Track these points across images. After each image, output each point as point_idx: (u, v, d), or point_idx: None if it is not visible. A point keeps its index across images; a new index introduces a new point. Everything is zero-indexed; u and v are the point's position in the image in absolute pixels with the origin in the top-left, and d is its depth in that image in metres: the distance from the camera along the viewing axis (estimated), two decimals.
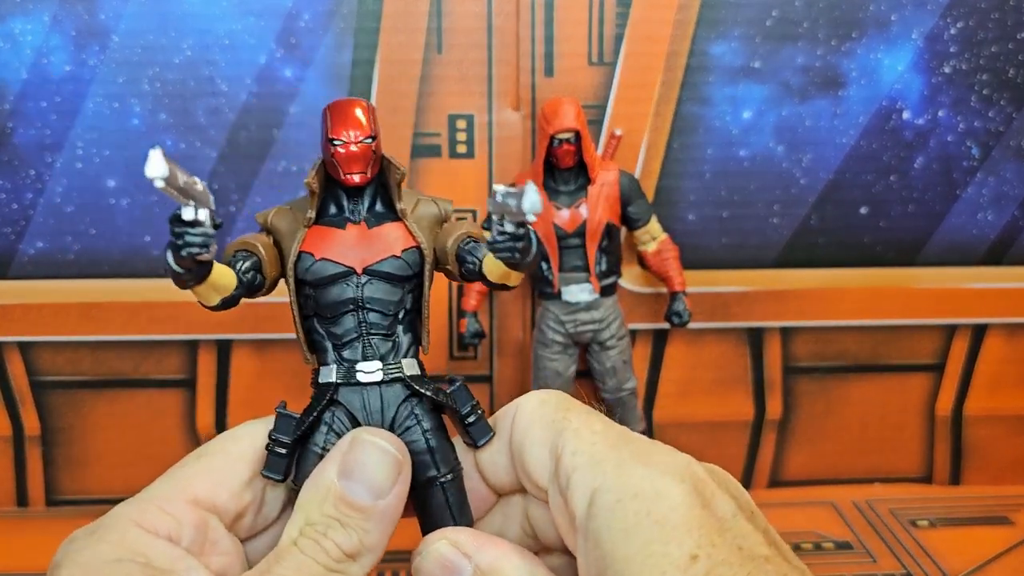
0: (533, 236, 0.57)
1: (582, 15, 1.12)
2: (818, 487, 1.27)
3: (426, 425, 0.63)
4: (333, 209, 0.66)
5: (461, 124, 1.14)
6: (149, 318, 1.17)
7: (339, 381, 0.64)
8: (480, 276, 0.63)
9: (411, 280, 0.65)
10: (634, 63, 1.14)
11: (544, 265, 1.10)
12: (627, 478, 0.50)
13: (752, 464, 1.27)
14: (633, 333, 1.20)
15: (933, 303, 1.23)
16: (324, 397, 0.64)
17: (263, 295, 0.66)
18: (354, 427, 0.63)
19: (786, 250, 1.20)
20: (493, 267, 0.61)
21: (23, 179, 1.13)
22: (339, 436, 0.62)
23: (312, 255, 0.64)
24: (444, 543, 0.57)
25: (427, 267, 0.64)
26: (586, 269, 1.08)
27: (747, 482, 1.27)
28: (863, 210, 1.19)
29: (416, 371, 0.64)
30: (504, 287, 0.64)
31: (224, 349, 1.19)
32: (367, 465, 0.57)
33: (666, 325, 1.15)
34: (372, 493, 0.56)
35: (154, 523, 0.54)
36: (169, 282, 0.63)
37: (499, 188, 0.56)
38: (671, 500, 0.48)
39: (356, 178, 0.64)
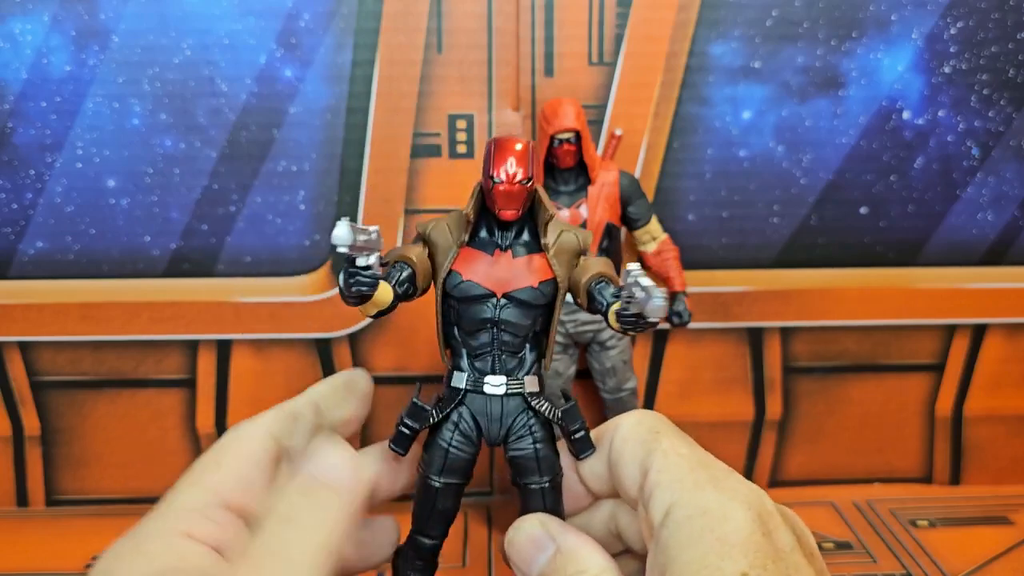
0: (656, 319, 0.64)
1: (582, 15, 1.13)
2: (818, 487, 1.28)
3: (537, 436, 0.73)
4: (484, 233, 0.74)
5: (461, 124, 1.14)
6: (149, 318, 1.18)
7: (469, 388, 0.73)
8: (604, 316, 0.71)
9: (544, 307, 0.73)
10: (634, 63, 1.14)
11: None
12: (700, 497, 0.57)
13: (752, 464, 1.27)
14: None
15: (933, 303, 1.23)
16: (454, 399, 0.73)
17: (415, 299, 0.75)
18: (477, 429, 0.74)
19: (786, 250, 1.20)
20: (614, 323, 0.69)
21: (23, 179, 1.13)
22: (464, 436, 0.73)
23: (460, 274, 0.72)
24: (536, 523, 0.67)
25: (559, 297, 0.73)
26: None
27: None
28: (863, 210, 1.20)
29: (536, 388, 0.74)
30: None
31: (224, 349, 1.19)
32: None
33: (666, 325, 1.15)
34: None
35: (202, 532, 0.54)
36: (170, 282, 0.71)
37: (633, 268, 0.66)
38: (735, 522, 0.55)
39: (509, 214, 0.71)
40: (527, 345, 0.74)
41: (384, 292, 0.69)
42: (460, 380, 0.74)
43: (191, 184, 1.14)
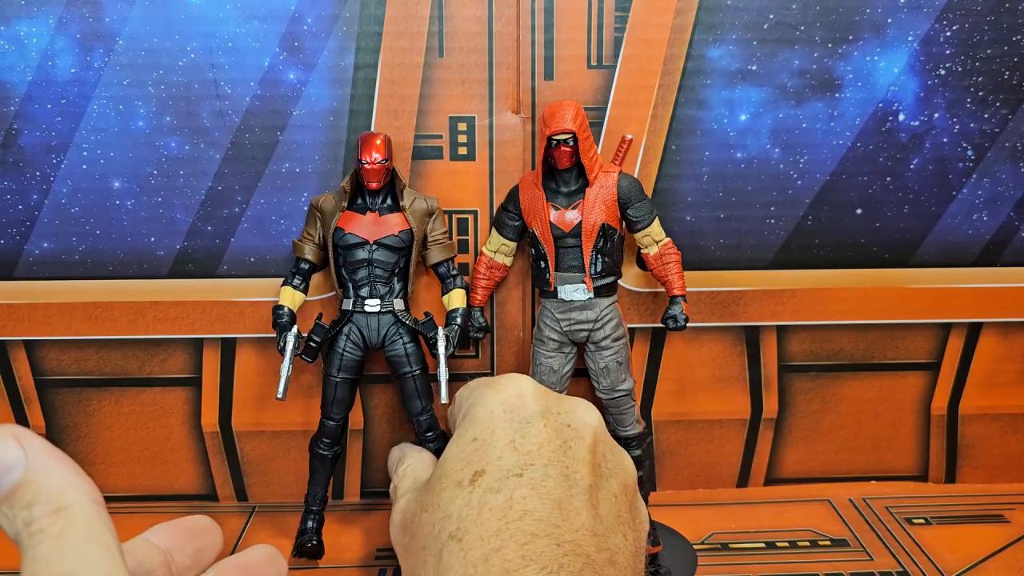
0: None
1: (581, 19, 1.13)
2: (814, 485, 1.28)
3: (405, 339, 1.08)
4: (360, 201, 1.08)
5: (462, 127, 1.15)
6: (154, 317, 1.19)
7: (354, 309, 1.08)
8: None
9: (404, 250, 1.08)
10: (633, 66, 1.15)
11: (542, 264, 1.11)
12: (476, 394, 0.88)
13: (749, 462, 1.28)
14: (632, 332, 1.21)
15: (928, 303, 1.24)
16: (344, 318, 1.08)
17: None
18: (362, 338, 1.08)
19: (782, 251, 1.21)
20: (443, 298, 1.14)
21: (28, 180, 1.14)
22: (353, 344, 1.08)
23: (343, 229, 1.06)
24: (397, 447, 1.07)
25: (415, 243, 1.08)
26: (581, 269, 1.09)
27: (744, 479, 1.28)
28: (859, 211, 1.21)
29: (402, 307, 1.09)
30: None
31: (229, 348, 1.20)
32: None
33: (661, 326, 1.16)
34: None
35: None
36: (174, 282, 1.13)
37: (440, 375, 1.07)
38: (486, 405, 0.85)
39: (374, 185, 1.06)
40: (395, 279, 1.08)
41: (296, 301, 1.11)
42: (348, 304, 1.08)
43: (195, 185, 1.15)
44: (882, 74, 1.17)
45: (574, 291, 1.09)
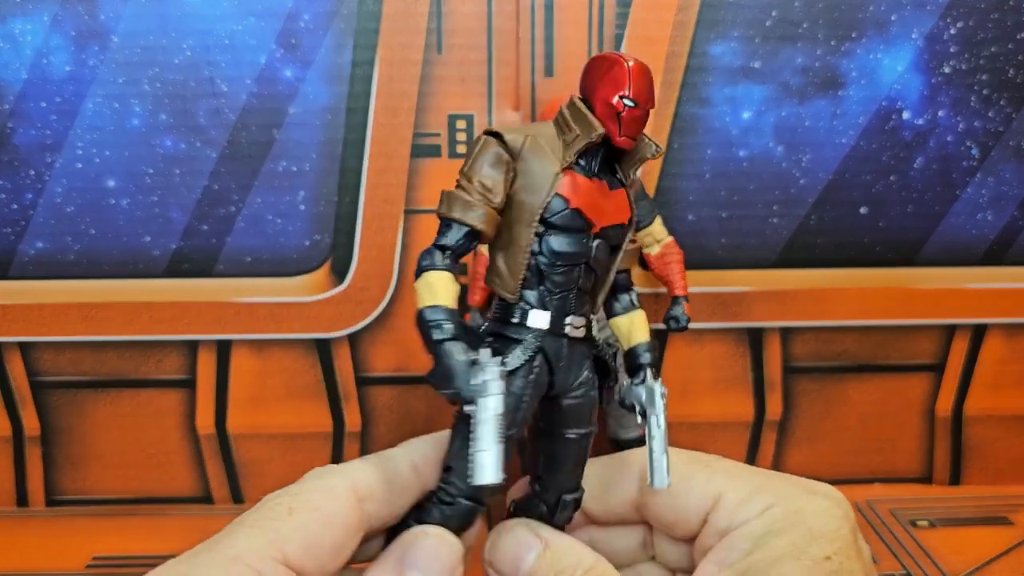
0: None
1: (582, 15, 1.13)
2: None
3: (594, 381, 0.69)
4: (575, 159, 0.64)
5: (461, 124, 1.14)
6: (149, 318, 1.18)
7: (551, 329, 0.64)
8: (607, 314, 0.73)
9: (620, 249, 0.67)
10: None
11: None
12: (793, 499, 0.62)
13: (752, 464, 1.27)
14: None
15: (933, 303, 1.23)
16: (532, 344, 0.64)
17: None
18: (548, 376, 0.65)
19: (785, 250, 1.20)
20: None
21: (23, 179, 1.13)
22: (535, 386, 0.64)
23: (568, 200, 0.63)
24: (521, 525, 0.66)
25: (630, 233, 0.67)
26: None
27: None
28: (862, 210, 1.20)
29: (597, 333, 0.68)
30: None
31: (224, 349, 1.19)
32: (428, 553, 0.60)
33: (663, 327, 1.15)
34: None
35: None
36: (170, 282, 0.69)
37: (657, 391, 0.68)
38: (826, 517, 0.61)
39: (629, 142, 0.63)
40: (601, 287, 0.67)
41: (453, 291, 0.62)
42: (536, 319, 0.64)
43: (191, 184, 1.14)
44: (886, 72, 1.16)
45: None
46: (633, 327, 0.70)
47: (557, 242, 0.63)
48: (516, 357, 0.63)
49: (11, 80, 1.11)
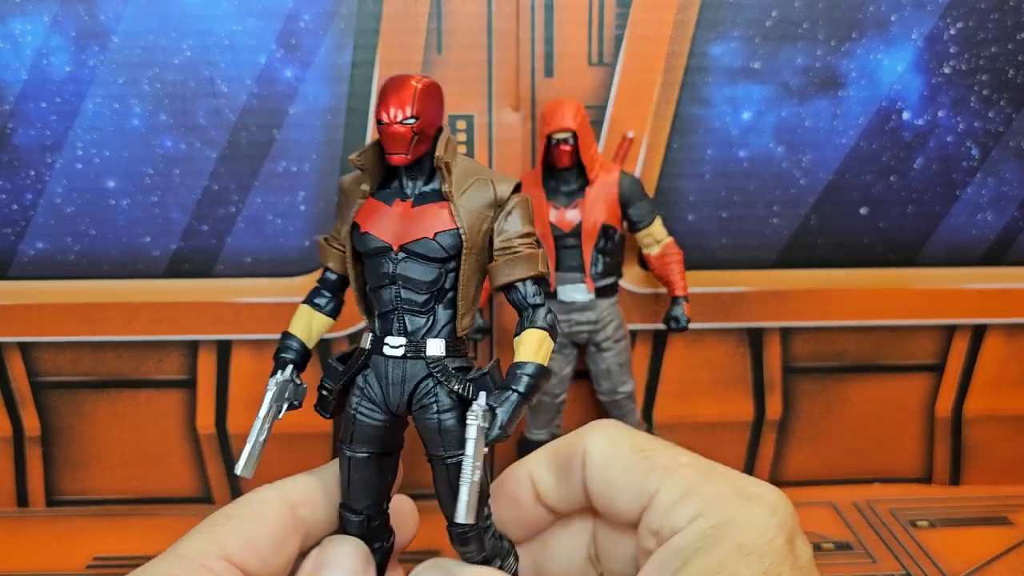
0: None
1: (582, 16, 1.13)
2: (818, 487, 1.27)
3: (442, 405, 0.66)
4: (395, 184, 0.69)
5: (461, 125, 1.14)
6: (149, 318, 1.18)
7: (370, 348, 0.67)
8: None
9: (449, 261, 0.66)
10: (634, 64, 1.14)
11: None
12: (725, 508, 0.56)
13: (752, 464, 1.27)
14: (633, 334, 1.20)
15: (933, 303, 1.23)
16: (357, 361, 0.68)
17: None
18: (381, 394, 0.67)
19: (786, 250, 1.20)
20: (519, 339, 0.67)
21: (23, 180, 1.13)
22: (370, 401, 0.67)
23: (360, 226, 0.67)
24: (434, 567, 0.64)
25: (465, 250, 0.65)
26: (582, 269, 1.08)
27: None
28: (863, 210, 1.20)
29: (440, 352, 0.66)
30: None
31: (224, 349, 1.19)
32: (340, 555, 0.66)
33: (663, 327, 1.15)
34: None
35: None
36: (170, 282, 0.72)
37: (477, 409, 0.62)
38: (757, 528, 0.54)
39: (397, 158, 0.65)
40: (437, 304, 0.66)
41: (321, 328, 0.74)
42: (365, 340, 0.68)
43: (191, 185, 1.14)
44: (886, 72, 1.16)
45: (574, 291, 1.08)
46: (518, 348, 0.66)
47: (366, 265, 0.68)
48: (340, 373, 0.69)
49: (11, 80, 1.11)
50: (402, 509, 0.74)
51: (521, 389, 0.63)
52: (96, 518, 1.19)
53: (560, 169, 1.07)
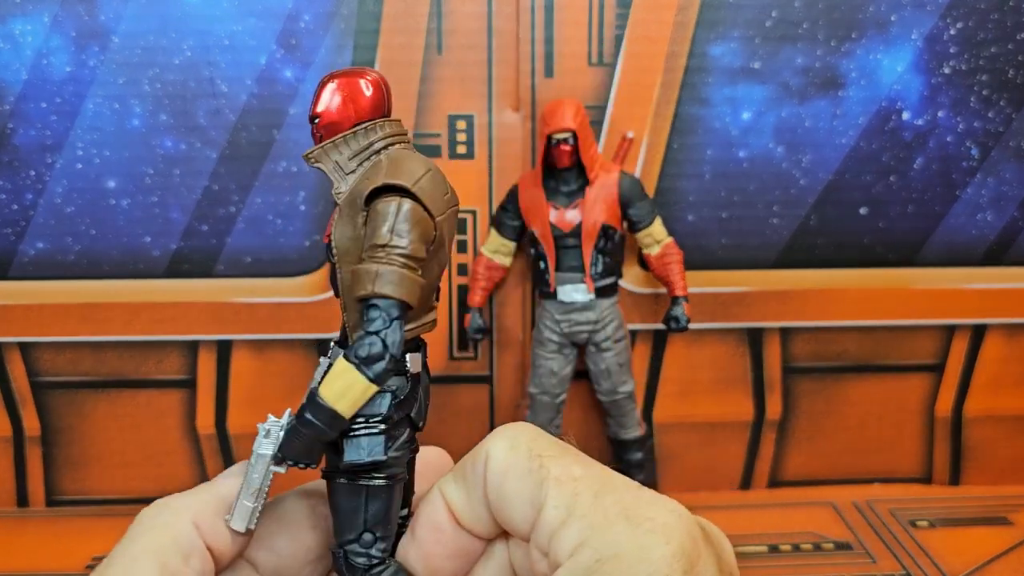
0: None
1: (582, 16, 1.13)
2: (817, 487, 1.27)
3: None
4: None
5: (461, 125, 1.14)
6: (149, 318, 1.18)
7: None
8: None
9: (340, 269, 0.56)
10: (634, 64, 1.14)
11: (542, 264, 1.10)
12: (611, 536, 0.47)
13: (752, 464, 1.27)
14: (633, 333, 1.20)
15: (932, 303, 1.23)
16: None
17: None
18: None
19: (786, 250, 1.20)
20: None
21: (23, 180, 1.13)
22: None
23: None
24: None
25: (338, 257, 0.55)
26: (582, 269, 1.08)
27: (747, 482, 1.27)
28: (862, 211, 1.20)
29: (320, 374, 0.56)
30: None
31: (224, 349, 1.19)
32: None
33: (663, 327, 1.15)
34: None
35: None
36: (170, 282, 0.65)
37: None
38: (651, 564, 0.46)
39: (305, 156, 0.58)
40: (349, 317, 0.56)
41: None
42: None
43: (191, 185, 1.14)
44: (886, 72, 1.16)
45: (574, 291, 1.08)
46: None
47: None
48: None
49: (11, 80, 1.11)
50: (436, 461, 0.63)
51: (299, 414, 0.53)
52: (96, 518, 1.19)
53: (560, 169, 1.07)
